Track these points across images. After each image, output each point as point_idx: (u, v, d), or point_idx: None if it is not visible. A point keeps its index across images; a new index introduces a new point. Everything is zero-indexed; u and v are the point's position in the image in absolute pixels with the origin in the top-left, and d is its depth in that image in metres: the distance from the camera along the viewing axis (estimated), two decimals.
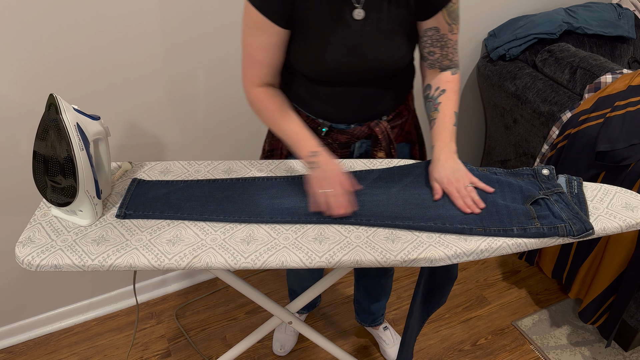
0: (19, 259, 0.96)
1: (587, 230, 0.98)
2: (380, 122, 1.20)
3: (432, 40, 1.11)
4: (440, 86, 1.14)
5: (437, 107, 1.13)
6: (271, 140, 1.31)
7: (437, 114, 1.12)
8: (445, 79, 1.15)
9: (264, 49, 1.06)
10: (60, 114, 0.93)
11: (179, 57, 1.52)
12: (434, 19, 1.07)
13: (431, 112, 1.14)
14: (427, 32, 1.10)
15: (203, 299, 1.99)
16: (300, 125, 1.11)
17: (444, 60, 1.14)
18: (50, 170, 0.96)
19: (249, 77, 1.11)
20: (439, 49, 1.12)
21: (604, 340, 1.82)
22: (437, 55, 1.13)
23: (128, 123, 1.58)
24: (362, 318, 1.80)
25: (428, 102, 1.16)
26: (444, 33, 1.10)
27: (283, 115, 1.12)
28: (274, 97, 1.12)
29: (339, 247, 0.98)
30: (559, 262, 1.75)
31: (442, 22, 1.08)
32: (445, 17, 1.07)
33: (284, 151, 1.29)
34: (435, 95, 1.14)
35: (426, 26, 1.09)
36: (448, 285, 1.21)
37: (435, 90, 1.15)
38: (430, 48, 1.12)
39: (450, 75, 1.15)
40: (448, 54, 1.14)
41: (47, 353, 1.79)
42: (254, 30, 1.04)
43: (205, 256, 0.96)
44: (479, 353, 1.80)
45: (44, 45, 1.34)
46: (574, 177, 1.10)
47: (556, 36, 1.86)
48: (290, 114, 1.13)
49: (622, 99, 1.52)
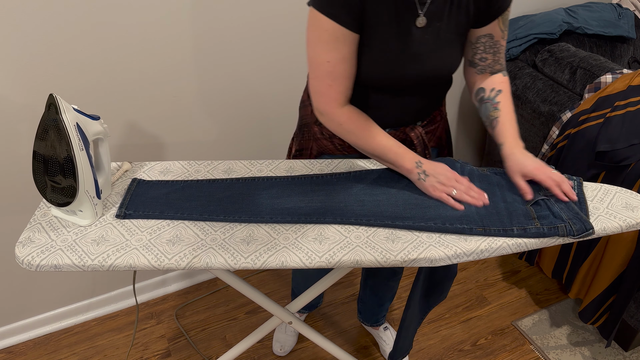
0: (19, 259, 0.96)
1: (587, 230, 0.98)
2: (415, 127, 1.20)
3: (485, 46, 1.11)
4: (495, 87, 1.14)
5: (496, 107, 1.12)
6: (301, 140, 1.29)
7: (498, 112, 1.12)
8: (498, 80, 1.15)
9: (345, 61, 1.02)
10: (60, 114, 0.93)
11: (179, 57, 1.52)
12: (489, 26, 1.07)
13: (491, 112, 1.13)
14: (481, 39, 1.10)
15: (203, 299, 1.99)
16: (394, 140, 1.10)
17: (495, 65, 1.15)
18: (50, 170, 0.96)
19: (332, 97, 1.05)
20: (491, 55, 1.12)
21: (604, 340, 1.82)
22: (489, 61, 1.13)
23: (128, 123, 1.58)
24: (365, 317, 1.80)
25: (485, 103, 1.15)
26: (497, 40, 1.10)
27: (378, 132, 1.09)
28: (361, 115, 1.09)
29: (339, 247, 0.98)
30: (559, 262, 1.75)
31: (497, 29, 1.08)
32: (500, 24, 1.08)
33: (313, 151, 1.27)
34: (492, 96, 1.14)
35: (480, 33, 1.09)
36: (448, 281, 1.22)
37: (491, 91, 1.14)
38: (483, 54, 1.12)
39: (502, 77, 1.16)
40: (500, 59, 1.14)
41: (47, 353, 1.79)
42: (333, 43, 0.99)
43: (205, 256, 0.96)
44: (479, 353, 1.80)
45: (44, 45, 1.34)
46: (574, 177, 1.10)
47: (556, 36, 1.86)
48: (382, 131, 1.10)
49: (622, 99, 1.52)
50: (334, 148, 1.24)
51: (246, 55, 1.61)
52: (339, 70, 1.02)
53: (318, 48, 1.01)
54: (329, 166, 1.19)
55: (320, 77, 1.04)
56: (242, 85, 1.67)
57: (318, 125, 1.23)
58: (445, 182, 1.06)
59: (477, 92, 1.18)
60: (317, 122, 1.23)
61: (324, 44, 1.00)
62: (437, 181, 1.06)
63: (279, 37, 1.62)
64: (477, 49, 1.12)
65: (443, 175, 1.07)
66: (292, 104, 1.78)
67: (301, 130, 1.29)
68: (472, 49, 1.13)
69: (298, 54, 1.68)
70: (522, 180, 1.06)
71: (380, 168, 1.16)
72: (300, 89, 1.75)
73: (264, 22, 1.57)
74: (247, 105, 1.72)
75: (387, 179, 1.13)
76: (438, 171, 1.07)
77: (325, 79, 1.03)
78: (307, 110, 1.25)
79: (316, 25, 0.99)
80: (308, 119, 1.25)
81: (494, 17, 1.06)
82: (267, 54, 1.64)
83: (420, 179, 1.07)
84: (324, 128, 1.22)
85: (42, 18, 1.30)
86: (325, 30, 0.98)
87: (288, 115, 1.80)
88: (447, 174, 1.07)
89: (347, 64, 1.02)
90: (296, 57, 1.68)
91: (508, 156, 1.08)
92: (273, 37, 1.61)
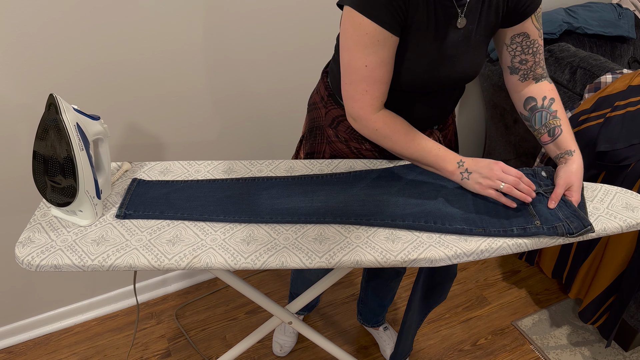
0: (19, 259, 0.96)
1: (585, 227, 0.98)
2: (434, 131, 1.19)
3: (522, 47, 1.07)
4: (547, 95, 1.11)
5: (555, 115, 1.10)
6: (312, 143, 1.26)
7: (559, 120, 1.09)
8: (547, 88, 1.12)
9: (383, 65, 0.98)
10: (60, 114, 0.93)
11: (179, 57, 1.52)
12: (522, 24, 1.04)
13: (549, 120, 1.10)
14: (516, 39, 1.06)
15: (203, 299, 1.99)
16: (432, 142, 1.06)
17: (537, 69, 1.11)
18: (50, 170, 0.96)
19: (368, 102, 1.01)
20: (531, 56, 1.09)
21: (604, 340, 1.82)
22: (531, 63, 1.10)
23: (128, 123, 1.58)
24: (365, 318, 1.80)
25: (538, 112, 1.11)
26: (534, 39, 1.06)
27: (415, 135, 1.05)
28: (397, 118, 1.05)
29: (339, 247, 0.98)
30: (559, 262, 1.75)
31: (532, 28, 1.05)
32: (534, 22, 1.04)
33: (326, 155, 1.25)
34: (546, 105, 1.10)
35: (514, 32, 1.05)
36: (448, 282, 1.22)
37: (543, 100, 1.11)
38: (522, 56, 1.08)
39: (549, 84, 1.13)
40: (540, 61, 1.10)
41: (47, 353, 1.79)
42: (374, 47, 0.95)
43: (205, 256, 0.96)
44: (479, 353, 1.80)
45: (44, 45, 1.34)
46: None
47: (556, 36, 1.86)
48: (419, 133, 1.07)
49: (622, 99, 1.52)
50: (349, 152, 1.22)
51: (246, 55, 1.61)
52: (376, 75, 0.99)
53: (356, 52, 0.97)
54: (329, 166, 1.19)
55: (356, 82, 1.00)
56: (242, 85, 1.66)
57: (333, 128, 1.21)
58: (489, 176, 1.01)
59: (526, 102, 1.13)
60: (331, 125, 1.21)
61: (362, 48, 0.96)
62: (481, 177, 1.02)
63: (280, 37, 1.62)
64: (515, 51, 1.08)
65: (486, 168, 1.01)
66: (292, 104, 1.78)
67: (312, 133, 1.26)
68: (508, 52, 1.09)
69: (298, 54, 1.68)
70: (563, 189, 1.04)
71: (380, 168, 1.16)
72: (300, 89, 1.75)
73: (265, 22, 1.57)
74: (247, 105, 1.72)
75: (387, 179, 1.13)
76: (480, 165, 1.02)
77: (361, 84, 1.00)
78: (320, 112, 1.23)
79: (355, 28, 0.95)
80: (321, 122, 1.23)
81: (527, 15, 1.03)
82: (267, 54, 1.64)
83: (464, 179, 1.04)
84: (339, 131, 1.20)
85: (42, 18, 1.30)
86: (365, 33, 0.94)
87: (288, 115, 1.80)
88: (491, 166, 1.02)
89: (385, 68, 0.99)
90: (297, 57, 1.68)
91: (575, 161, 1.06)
92: (273, 37, 1.61)
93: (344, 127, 1.19)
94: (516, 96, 1.16)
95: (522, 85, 1.13)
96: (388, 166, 1.17)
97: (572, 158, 1.07)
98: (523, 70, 1.11)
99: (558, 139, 1.10)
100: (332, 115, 1.21)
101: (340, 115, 1.19)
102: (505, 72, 1.15)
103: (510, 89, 1.17)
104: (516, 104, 1.18)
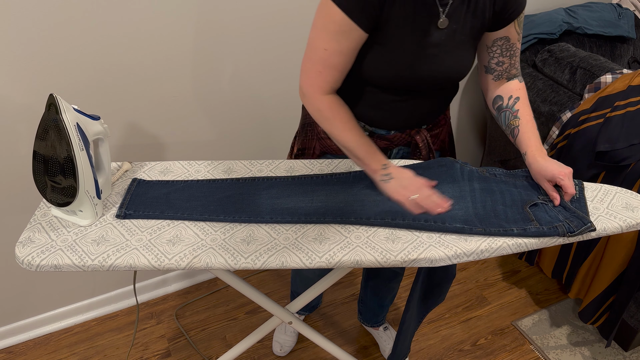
0: (19, 259, 0.96)
1: (585, 224, 0.98)
2: (421, 130, 1.20)
3: (501, 49, 1.10)
4: (512, 94, 1.14)
5: (516, 115, 1.12)
6: (304, 139, 1.29)
7: (518, 120, 1.12)
8: (515, 87, 1.15)
9: (342, 54, 1.02)
10: (60, 114, 0.93)
11: (180, 57, 1.52)
12: (505, 29, 1.07)
13: (511, 121, 1.13)
14: (497, 42, 1.09)
15: (203, 299, 1.99)
16: (368, 138, 1.10)
17: (511, 70, 1.14)
18: (50, 170, 0.96)
19: (318, 83, 1.06)
20: (508, 59, 1.12)
21: (604, 340, 1.82)
22: (506, 65, 1.13)
23: (128, 123, 1.58)
24: (365, 318, 1.80)
25: (503, 112, 1.15)
26: (513, 42, 1.10)
27: (353, 127, 1.09)
28: (343, 106, 1.09)
29: (339, 247, 0.98)
30: (559, 262, 1.75)
31: (513, 32, 1.08)
32: (516, 26, 1.07)
33: (316, 151, 1.27)
34: (510, 104, 1.13)
35: (496, 36, 1.08)
36: (447, 283, 1.22)
37: (509, 99, 1.14)
38: (500, 58, 1.12)
39: (518, 83, 1.15)
40: (515, 63, 1.14)
41: (47, 353, 1.79)
42: (337, 35, 0.99)
43: (205, 256, 0.96)
44: (479, 353, 1.80)
45: (44, 45, 1.34)
46: (575, 181, 1.10)
47: (556, 36, 1.86)
48: (358, 126, 1.10)
49: (622, 99, 1.52)
50: (337, 148, 1.24)
51: (246, 55, 1.61)
52: (332, 61, 1.02)
53: (321, 33, 1.00)
54: (329, 166, 1.19)
55: (313, 60, 1.04)
56: (242, 85, 1.66)
57: None
58: (408, 187, 1.05)
59: (494, 101, 1.17)
60: None
61: (327, 32, 0.99)
62: (400, 185, 1.06)
63: (280, 37, 1.62)
64: (494, 53, 1.11)
65: (407, 180, 1.06)
66: (292, 104, 1.78)
67: (304, 129, 1.29)
68: (488, 53, 1.12)
69: (299, 54, 1.68)
70: (549, 185, 1.06)
71: None
72: None
73: (265, 22, 1.57)
74: (247, 105, 1.72)
75: None
76: (404, 176, 1.07)
77: (317, 64, 1.04)
78: None
79: (326, 12, 0.98)
80: (311, 119, 1.26)
81: (511, 20, 1.06)
82: (267, 54, 1.64)
83: (382, 181, 1.07)
84: None
85: (42, 18, 1.30)
86: (333, 22, 0.98)
87: (288, 115, 1.80)
88: (412, 180, 1.06)
89: (343, 58, 1.02)
90: (297, 57, 1.68)
91: (531, 164, 1.08)
92: (274, 37, 1.61)
93: None
94: (487, 95, 1.20)
95: (495, 84, 1.16)
96: None
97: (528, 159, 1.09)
98: (498, 71, 1.14)
99: (516, 139, 1.12)
100: None
101: None
102: (481, 70, 1.18)
103: (484, 87, 1.20)
104: (488, 103, 1.21)
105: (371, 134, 1.20)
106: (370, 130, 1.20)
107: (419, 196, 1.03)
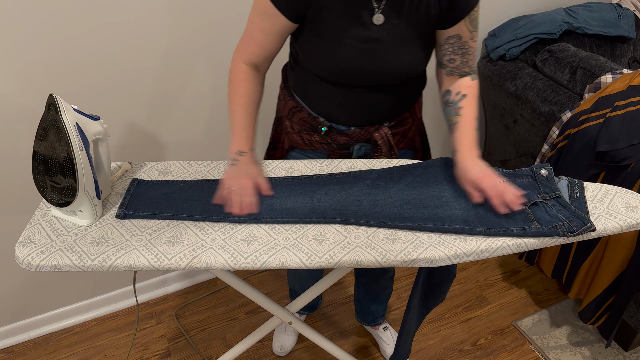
0: (19, 260, 0.96)
1: (586, 224, 0.98)
2: (381, 127, 1.20)
3: (453, 47, 1.10)
4: (460, 91, 1.14)
5: (458, 112, 1.12)
6: (274, 133, 1.31)
7: (458, 117, 1.11)
8: (465, 84, 1.14)
9: (264, 32, 1.07)
10: (60, 114, 0.93)
11: (179, 56, 1.52)
12: (456, 27, 1.07)
13: (452, 117, 1.13)
14: (449, 40, 1.09)
15: (203, 299, 1.99)
16: (251, 122, 1.12)
17: (464, 68, 1.14)
18: (50, 170, 0.96)
19: (241, 50, 1.12)
20: (459, 57, 1.12)
21: (604, 340, 1.82)
22: (458, 63, 1.13)
23: (128, 123, 1.58)
24: (362, 317, 1.80)
25: (448, 107, 1.15)
26: (465, 40, 1.10)
27: (245, 103, 1.12)
28: (252, 82, 1.13)
29: (339, 247, 0.98)
30: (559, 262, 1.75)
31: (464, 30, 1.08)
32: (467, 24, 1.07)
33: (285, 145, 1.29)
34: (456, 100, 1.13)
35: (448, 34, 1.08)
36: (447, 283, 1.21)
37: (456, 95, 1.14)
38: (451, 56, 1.12)
39: (470, 81, 1.15)
40: (468, 61, 1.14)
41: (47, 353, 1.79)
42: (261, 14, 1.05)
43: (205, 256, 0.96)
44: (479, 353, 1.80)
45: (44, 45, 1.34)
46: (575, 181, 1.10)
47: (556, 36, 1.86)
48: (252, 106, 1.13)
49: (622, 99, 1.52)
50: (302, 143, 1.25)
51: None
52: (255, 36, 1.08)
53: (253, 8, 1.07)
54: (329, 166, 1.19)
55: (247, 28, 1.10)
56: None
57: (289, 119, 1.24)
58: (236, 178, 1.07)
59: (443, 94, 1.18)
60: (287, 116, 1.24)
61: (256, 8, 1.06)
62: (234, 172, 1.08)
63: None
64: (446, 50, 1.11)
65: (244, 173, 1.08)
66: None
67: (275, 123, 1.32)
68: (440, 50, 1.13)
69: None
70: (470, 187, 1.06)
71: (380, 168, 1.16)
72: None
73: None
74: None
75: (386, 179, 1.13)
76: (246, 168, 1.09)
77: (246, 32, 1.10)
78: (281, 104, 1.28)
79: None
80: (281, 113, 1.28)
81: (460, 18, 1.06)
82: None
83: (229, 163, 1.10)
84: (294, 122, 1.23)
85: (42, 18, 1.30)
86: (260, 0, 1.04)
87: None
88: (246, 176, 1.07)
89: (265, 37, 1.08)
90: None
91: (457, 164, 1.08)
92: None
93: (297, 118, 1.22)
94: (440, 87, 1.20)
95: (447, 78, 1.17)
96: (388, 166, 1.17)
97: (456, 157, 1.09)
98: (450, 68, 1.15)
99: (453, 136, 1.12)
100: (288, 106, 1.24)
101: (294, 107, 1.22)
102: (436, 64, 1.19)
103: (438, 79, 1.21)
104: (439, 95, 1.21)
105: (330, 129, 1.20)
106: (329, 125, 1.20)
107: (234, 190, 1.05)
